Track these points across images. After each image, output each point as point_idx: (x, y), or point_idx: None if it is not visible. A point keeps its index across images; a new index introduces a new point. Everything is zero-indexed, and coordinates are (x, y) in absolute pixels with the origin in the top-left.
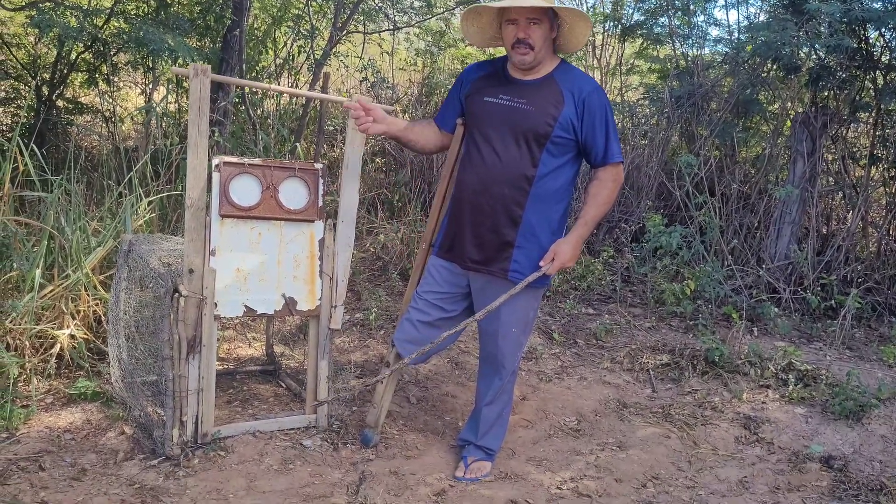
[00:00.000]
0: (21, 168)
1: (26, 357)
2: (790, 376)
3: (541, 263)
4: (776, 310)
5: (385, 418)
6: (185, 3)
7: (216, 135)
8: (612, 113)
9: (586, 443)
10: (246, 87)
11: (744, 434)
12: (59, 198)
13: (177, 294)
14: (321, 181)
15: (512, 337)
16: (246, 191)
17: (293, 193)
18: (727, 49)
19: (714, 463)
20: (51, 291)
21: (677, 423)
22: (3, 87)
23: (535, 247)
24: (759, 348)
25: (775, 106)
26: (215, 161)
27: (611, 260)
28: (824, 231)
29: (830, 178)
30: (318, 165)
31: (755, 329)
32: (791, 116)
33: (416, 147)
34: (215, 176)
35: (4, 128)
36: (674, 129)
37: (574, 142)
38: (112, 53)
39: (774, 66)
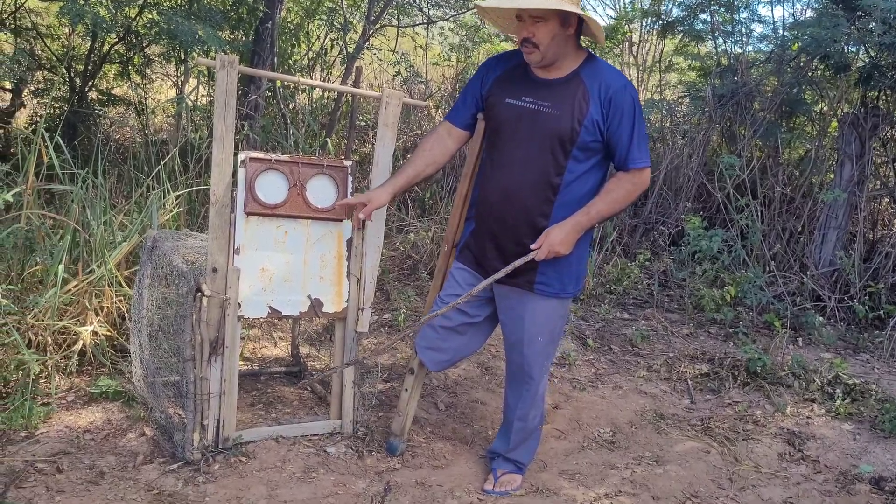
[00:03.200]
0: (45, 161)
1: (48, 353)
2: (837, 390)
3: (532, 246)
4: (821, 319)
5: (412, 425)
6: None
7: (246, 128)
8: (641, 113)
9: (622, 456)
10: (278, 81)
11: (788, 451)
12: (88, 190)
13: (199, 294)
14: (350, 179)
15: (537, 345)
16: (272, 188)
17: (321, 191)
18: (771, 47)
19: (757, 481)
20: (75, 287)
21: (717, 438)
22: (37, 79)
23: (562, 258)
24: (804, 359)
25: (821, 106)
26: (241, 157)
27: (647, 263)
28: (870, 237)
29: (877, 182)
30: (347, 162)
31: (799, 339)
32: (838, 117)
33: (430, 173)
34: (241, 172)
35: (39, 119)
36: (714, 129)
37: (601, 143)
38: (144, 45)
39: (822, 65)
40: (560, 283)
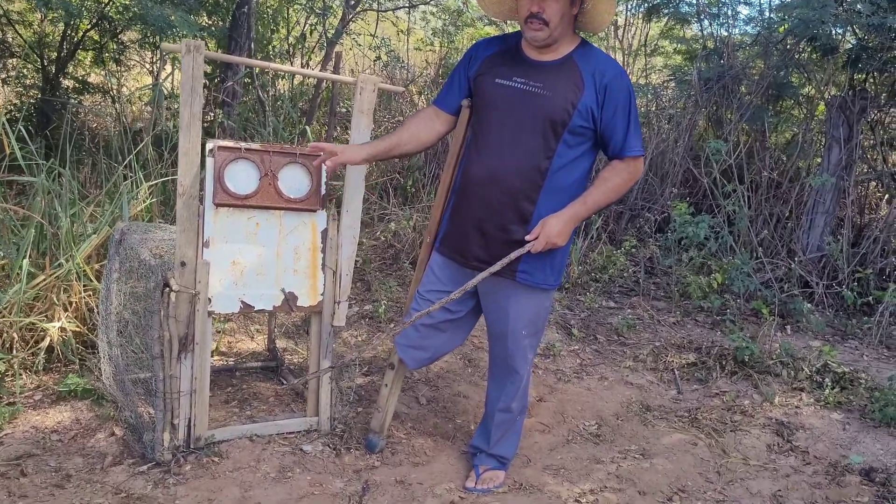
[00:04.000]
0: (7, 152)
1: (14, 351)
2: (826, 378)
3: (527, 238)
4: (809, 305)
5: (392, 420)
6: None
7: (221, 116)
8: (635, 101)
9: (607, 450)
10: (256, 67)
11: (776, 442)
12: (58, 182)
13: (167, 288)
14: (324, 167)
15: (521, 338)
16: (242, 178)
17: (294, 181)
18: (758, 29)
19: (745, 474)
20: (42, 281)
21: (705, 429)
22: (8, 67)
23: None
24: (792, 347)
25: (808, 89)
26: (209, 145)
27: (633, 250)
28: (858, 221)
29: (865, 166)
30: None
31: (787, 326)
32: (825, 100)
33: (411, 149)
34: (209, 161)
35: (13, 108)
36: (700, 113)
37: (592, 131)
38: (118, 31)
39: (810, 47)
40: (542, 273)
